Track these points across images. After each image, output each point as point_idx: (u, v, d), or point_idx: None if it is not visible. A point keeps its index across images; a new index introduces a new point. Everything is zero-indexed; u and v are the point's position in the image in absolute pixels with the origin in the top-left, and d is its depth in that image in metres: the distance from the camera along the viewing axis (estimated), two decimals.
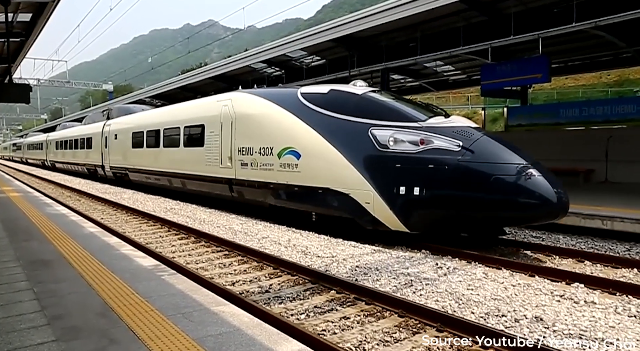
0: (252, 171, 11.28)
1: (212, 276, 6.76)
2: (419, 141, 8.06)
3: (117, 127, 22.01)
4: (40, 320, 3.80)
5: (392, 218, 8.27)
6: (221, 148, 12.53)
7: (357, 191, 8.61)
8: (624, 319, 4.87)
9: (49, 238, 7.29)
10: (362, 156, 8.65)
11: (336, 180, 9.00)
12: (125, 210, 13.77)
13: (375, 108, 9.14)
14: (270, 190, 10.75)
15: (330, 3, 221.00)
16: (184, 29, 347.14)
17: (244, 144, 11.59)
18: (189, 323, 3.73)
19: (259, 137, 11.07)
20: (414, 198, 7.93)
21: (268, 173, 10.70)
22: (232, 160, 12.00)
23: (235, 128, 11.97)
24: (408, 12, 15.01)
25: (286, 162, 10.11)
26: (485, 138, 7.97)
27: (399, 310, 5.08)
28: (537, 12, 14.44)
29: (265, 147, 10.78)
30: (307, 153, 9.65)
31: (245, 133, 11.66)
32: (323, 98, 9.91)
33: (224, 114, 12.49)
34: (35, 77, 41.53)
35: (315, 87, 11.18)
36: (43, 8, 10.93)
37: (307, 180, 9.66)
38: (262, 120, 11.12)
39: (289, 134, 10.14)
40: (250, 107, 11.75)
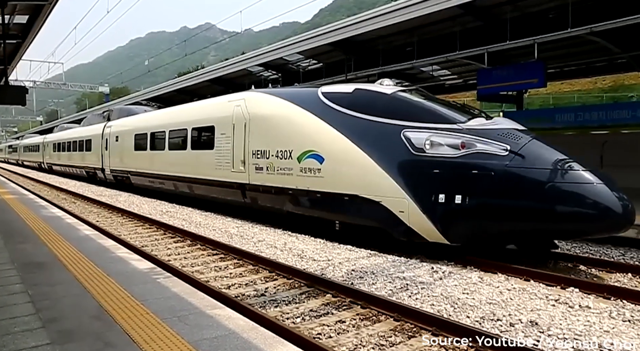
0: (268, 176, 10.59)
1: (208, 279, 6.75)
2: (459, 144, 7.39)
3: (118, 129, 21.30)
4: (35, 322, 3.78)
5: (429, 228, 7.58)
6: (233, 151, 11.88)
7: (390, 198, 7.95)
8: (619, 323, 4.89)
9: (43, 240, 7.26)
10: (394, 160, 8.01)
11: (365, 187, 8.35)
12: (120, 213, 13.73)
13: (408, 109, 8.47)
14: (289, 196, 10.09)
15: (328, 7, 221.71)
16: (181, 32, 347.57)
17: (259, 147, 10.89)
18: (185, 326, 3.72)
19: (276, 139, 10.40)
20: (456, 207, 7.24)
21: (286, 178, 10.00)
22: (246, 164, 11.33)
23: (250, 129, 11.29)
24: (405, 16, 15.08)
25: (307, 166, 9.43)
26: (535, 141, 7.26)
27: (394, 314, 5.08)
28: (533, 17, 14.55)
29: (284, 150, 10.09)
30: (332, 157, 9.00)
31: (260, 136, 11.00)
32: (348, 98, 9.28)
33: (237, 115, 11.80)
34: (31, 79, 41.45)
35: (337, 86, 10.57)
36: (40, 10, 10.91)
37: (331, 186, 9.01)
38: (279, 121, 10.45)
39: (311, 136, 9.49)
40: (266, 108, 11.09)
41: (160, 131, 16.65)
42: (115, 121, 22.50)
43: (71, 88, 47.16)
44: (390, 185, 7.94)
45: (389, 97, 8.83)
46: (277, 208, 10.73)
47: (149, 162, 17.51)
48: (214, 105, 13.98)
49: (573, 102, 36.37)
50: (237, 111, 11.83)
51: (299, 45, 19.90)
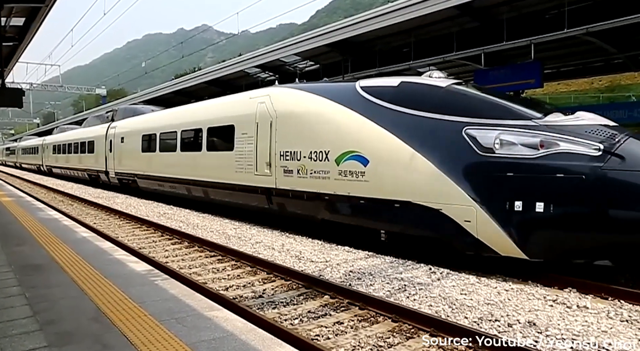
0: (299, 180, 9.59)
1: (206, 281, 6.74)
2: (538, 144, 6.44)
3: (123, 130, 20.17)
4: (32, 325, 3.77)
5: (503, 241, 6.56)
6: (256, 153, 10.84)
7: (453, 206, 6.95)
8: (616, 324, 4.90)
9: (41, 242, 7.24)
10: (457, 162, 7.03)
11: (421, 192, 7.36)
12: (118, 215, 13.71)
13: (470, 103, 7.53)
14: (325, 202, 9.07)
15: (324, 8, 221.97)
16: (178, 34, 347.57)
17: (288, 148, 9.88)
18: (183, 328, 3.71)
19: (308, 139, 9.40)
20: (537, 217, 6.26)
21: (322, 183, 9.02)
22: (272, 167, 10.31)
23: (276, 129, 10.27)
24: (402, 17, 15.11)
25: (348, 169, 8.45)
26: (633, 140, 6.32)
27: (392, 315, 5.08)
28: (530, 18, 14.59)
29: (318, 151, 9.08)
30: (378, 158, 8.00)
31: (289, 135, 9.98)
32: (393, 93, 8.30)
33: (261, 113, 10.78)
34: (28, 81, 41.40)
35: (378, 79, 9.68)
36: (36, 12, 10.90)
37: (377, 192, 8.01)
38: (312, 119, 9.45)
39: (351, 135, 8.52)
40: (296, 104, 10.06)
41: (171, 131, 15.57)
42: (120, 121, 21.39)
43: (68, 90, 47.14)
44: (452, 191, 6.93)
45: (444, 90, 7.86)
46: (309, 216, 9.71)
47: (158, 164, 16.43)
48: (234, 102, 12.85)
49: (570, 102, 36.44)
50: (261, 108, 10.83)
51: (296, 46, 19.93)
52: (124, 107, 25.34)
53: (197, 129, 13.77)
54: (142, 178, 17.92)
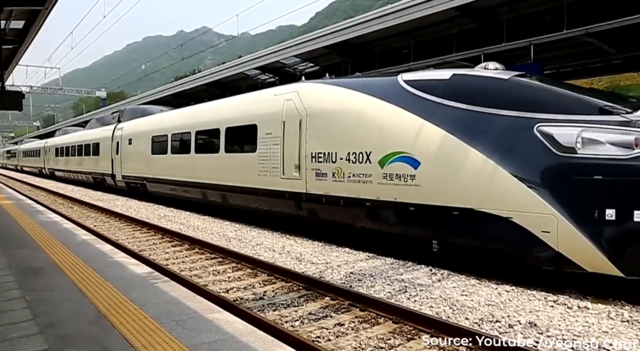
0: (334, 184, 8.76)
1: (206, 283, 6.74)
2: (632, 142, 5.63)
3: (131, 131, 19.25)
4: (33, 328, 3.76)
5: (592, 255, 5.73)
6: (283, 155, 10.07)
7: (527, 214, 6.10)
8: (617, 324, 4.89)
9: (41, 245, 7.23)
10: (529, 164, 6.23)
11: (485, 198, 6.53)
12: (118, 217, 13.70)
13: (542, 97, 6.70)
14: (366, 209, 8.27)
15: (324, 10, 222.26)
16: (178, 36, 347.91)
17: (321, 149, 9.07)
18: (183, 331, 3.71)
19: (346, 139, 8.60)
20: (636, 228, 5.46)
21: (362, 187, 8.20)
22: (301, 170, 9.51)
23: (307, 128, 9.45)
24: (401, 19, 15.15)
25: (394, 172, 7.62)
26: None
27: (393, 316, 5.08)
28: (529, 19, 14.62)
29: (358, 152, 8.29)
30: (431, 160, 7.17)
31: (322, 135, 9.17)
32: (445, 86, 7.50)
33: (288, 111, 9.98)
34: (27, 84, 41.45)
35: (422, 73, 8.71)
36: (36, 15, 10.91)
37: (430, 197, 7.18)
38: (350, 117, 8.62)
39: (398, 135, 7.68)
40: (330, 101, 9.25)
41: (184, 132, 14.68)
42: (127, 122, 20.44)
43: (68, 93, 47.18)
44: (526, 197, 6.11)
45: (508, 83, 7.06)
46: (346, 224, 8.93)
47: (170, 167, 15.49)
48: (256, 100, 11.96)
49: None
50: (288, 106, 10.01)
51: (296, 48, 19.97)
52: (131, 107, 24.56)
53: (214, 130, 12.91)
54: (151, 181, 17.12)
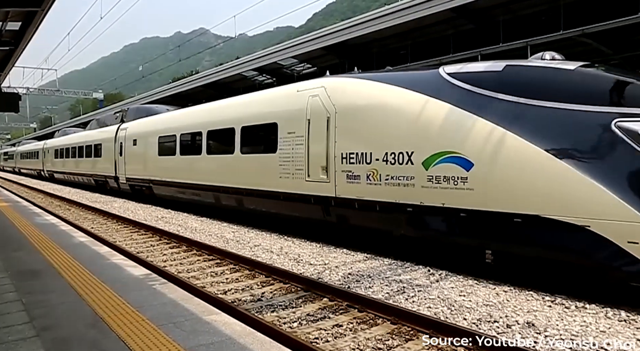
0: (369, 187, 8.01)
1: (204, 285, 6.72)
2: None
3: (136, 131, 18.49)
4: (29, 331, 3.75)
5: None
6: (308, 155, 9.35)
7: (609, 222, 5.39)
8: (615, 323, 4.90)
9: (38, 248, 7.21)
10: (610, 164, 5.61)
11: (556, 204, 5.80)
12: (115, 219, 13.67)
13: (620, 89, 6.06)
14: (407, 214, 7.48)
15: (321, 11, 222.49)
16: (175, 37, 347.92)
17: (354, 149, 8.35)
18: (181, 333, 3.70)
19: (383, 138, 7.90)
20: None
21: (403, 191, 7.44)
22: (330, 171, 8.79)
23: (336, 126, 8.72)
24: (399, 20, 15.18)
25: (442, 174, 6.87)
26: None
27: (391, 317, 5.07)
28: (526, 19, 14.66)
29: (397, 152, 7.52)
30: (487, 160, 6.44)
31: (354, 134, 8.49)
32: (499, 79, 6.81)
33: (314, 108, 9.25)
34: (24, 86, 41.32)
35: (468, 65, 7.81)
36: (32, 17, 10.88)
37: (487, 202, 6.43)
38: (387, 113, 7.89)
39: (446, 133, 6.98)
40: (363, 96, 8.51)
41: (194, 132, 13.93)
42: (131, 122, 19.62)
43: (65, 94, 47.09)
44: (607, 202, 5.39)
45: (574, 74, 6.42)
46: (383, 231, 8.23)
47: (179, 169, 14.72)
48: (275, 97, 11.24)
49: None
50: (313, 103, 9.29)
51: (293, 49, 19.99)
52: (135, 106, 23.87)
53: (228, 129, 12.07)
54: (158, 184, 16.28)
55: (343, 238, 9.33)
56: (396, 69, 11.54)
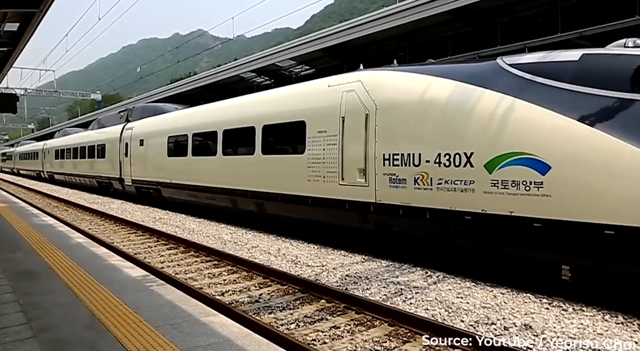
0: (417, 192, 7.20)
1: (202, 286, 6.72)
2: None
3: (142, 131, 17.68)
4: (26, 332, 3.74)
5: None
6: (342, 156, 8.55)
7: None
8: (612, 326, 4.91)
9: (35, 249, 7.19)
10: None
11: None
12: (113, 220, 13.65)
13: None
14: (465, 223, 6.69)
15: (320, 13, 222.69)
16: (173, 39, 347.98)
17: (398, 149, 7.52)
18: (178, 334, 3.69)
19: (434, 136, 7.10)
20: None
21: (460, 197, 6.62)
22: (368, 174, 8.00)
23: (377, 124, 7.90)
24: (397, 22, 15.21)
25: (510, 178, 6.07)
26: None
27: (389, 319, 5.08)
28: (523, 22, 14.70)
29: (453, 153, 6.69)
30: (568, 163, 5.67)
31: (399, 132, 7.64)
32: (577, 70, 6.07)
33: (349, 104, 8.45)
34: (22, 87, 41.21)
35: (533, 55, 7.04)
36: (30, 18, 10.87)
37: (569, 211, 5.65)
38: (439, 109, 7.07)
39: (514, 131, 6.19)
40: (408, 91, 7.64)
41: (209, 132, 13.05)
42: (137, 122, 18.77)
43: (63, 95, 46.99)
44: None
45: None
46: (432, 240, 7.47)
47: (192, 171, 13.89)
48: (303, 93, 10.37)
49: None
50: (349, 99, 8.50)
51: (292, 51, 20.01)
52: (141, 105, 23.09)
53: (247, 128, 11.19)
54: (167, 187, 15.36)
55: (382, 247, 8.58)
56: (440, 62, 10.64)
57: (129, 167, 18.35)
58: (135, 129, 18.24)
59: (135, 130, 18.22)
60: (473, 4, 13.57)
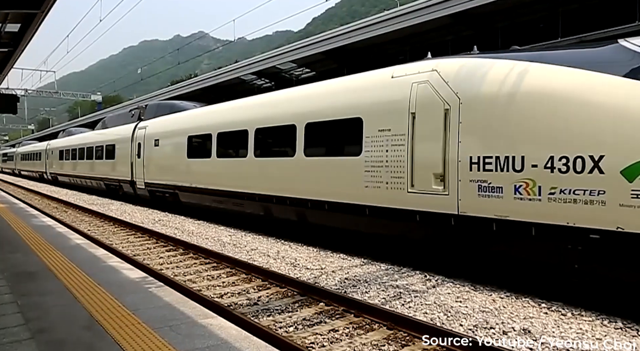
0: (518, 203, 5.98)
1: (200, 288, 6.71)
2: None
3: (158, 130, 16.45)
4: (24, 333, 3.73)
5: None
6: (412, 158, 7.32)
7: None
8: (611, 331, 4.90)
9: (34, 249, 7.19)
10: None
11: None
12: (112, 222, 13.64)
13: None
14: (589, 243, 5.50)
15: (321, 16, 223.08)
16: (174, 40, 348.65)
17: (490, 151, 6.29)
18: (176, 336, 3.69)
19: (543, 135, 5.90)
20: None
21: (583, 210, 5.44)
22: (448, 180, 6.76)
23: (460, 121, 6.66)
24: (397, 25, 15.25)
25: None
26: None
27: (387, 323, 5.07)
28: (524, 26, 14.73)
29: (573, 156, 5.52)
30: None
31: (491, 130, 6.41)
32: None
33: (422, 98, 7.24)
34: (22, 87, 41.29)
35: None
36: (32, 19, 10.89)
37: None
38: (551, 102, 5.86)
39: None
40: (503, 81, 6.39)
41: (237, 130, 11.74)
42: (151, 120, 17.52)
43: (63, 96, 46.98)
44: None
45: None
46: (542, 262, 6.13)
47: (215, 174, 12.74)
48: (359, 86, 9.02)
49: None
50: (421, 92, 7.27)
51: (292, 53, 20.04)
52: (155, 102, 21.78)
53: (286, 127, 10.02)
54: (187, 191, 14.16)
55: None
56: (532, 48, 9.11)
57: (141, 169, 17.23)
58: (150, 128, 17.04)
59: (149, 130, 17.03)
60: (474, 9, 13.61)
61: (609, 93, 5.47)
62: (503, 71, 6.47)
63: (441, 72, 7.15)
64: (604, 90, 5.52)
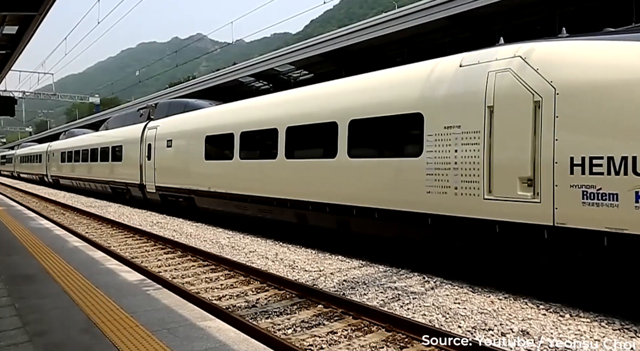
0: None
1: (199, 290, 6.70)
2: None
3: (170, 130, 15.38)
4: (22, 336, 3.72)
5: None
6: (490, 160, 6.30)
7: None
8: (609, 332, 4.90)
9: (32, 252, 7.17)
10: None
11: None
12: (110, 224, 13.62)
13: None
14: None
15: (319, 18, 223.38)
16: (173, 43, 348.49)
17: (601, 150, 5.25)
18: (175, 339, 3.68)
19: None
20: None
21: None
22: (540, 185, 5.74)
23: (556, 115, 5.62)
24: (395, 28, 15.28)
25: None
26: None
27: (386, 325, 5.06)
28: (521, 28, 14.77)
29: None
30: None
31: (603, 125, 5.36)
32: None
33: (502, 89, 6.23)
34: (20, 90, 41.25)
35: None
36: (29, 21, 10.88)
37: None
38: None
39: None
40: (617, 66, 5.39)
41: (264, 130, 10.73)
42: (163, 119, 16.42)
43: (61, 98, 47.02)
44: None
45: None
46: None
47: (238, 177, 11.69)
48: (420, 77, 7.75)
49: None
50: (501, 82, 6.27)
51: (290, 56, 20.06)
52: (167, 100, 20.56)
53: (324, 125, 9.04)
54: (204, 195, 13.08)
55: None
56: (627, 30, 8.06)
57: (152, 172, 16.06)
58: (161, 128, 15.93)
59: (160, 130, 15.92)
60: (472, 11, 13.65)
61: None
62: (613, 54, 5.52)
63: (528, 59, 6.07)
64: None
